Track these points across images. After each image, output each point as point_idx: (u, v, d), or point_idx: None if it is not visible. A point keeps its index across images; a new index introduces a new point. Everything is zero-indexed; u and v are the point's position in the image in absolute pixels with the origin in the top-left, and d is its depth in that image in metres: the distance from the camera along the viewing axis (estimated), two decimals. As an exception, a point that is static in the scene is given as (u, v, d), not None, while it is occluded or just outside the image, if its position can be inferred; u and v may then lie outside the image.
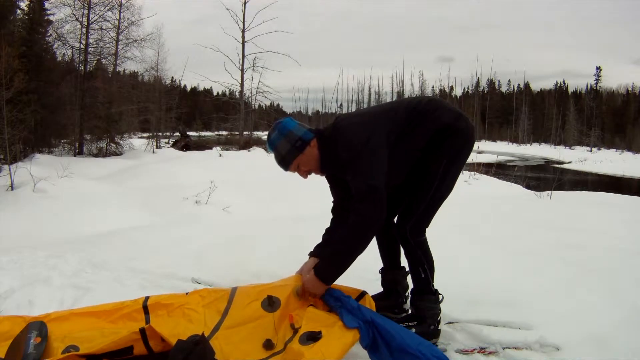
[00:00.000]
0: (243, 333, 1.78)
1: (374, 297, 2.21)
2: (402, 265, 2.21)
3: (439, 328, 1.97)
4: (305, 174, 1.89)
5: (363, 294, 1.92)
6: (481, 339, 1.97)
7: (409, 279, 2.20)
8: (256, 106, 24.47)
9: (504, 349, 1.89)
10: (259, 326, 1.79)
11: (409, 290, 2.09)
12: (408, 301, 2.19)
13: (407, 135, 1.86)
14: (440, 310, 1.98)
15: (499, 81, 57.96)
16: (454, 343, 1.97)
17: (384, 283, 2.23)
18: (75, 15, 16.93)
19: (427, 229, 1.99)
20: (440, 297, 1.99)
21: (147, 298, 1.96)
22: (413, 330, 1.93)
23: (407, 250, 1.97)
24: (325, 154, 1.85)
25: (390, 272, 2.21)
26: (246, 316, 1.84)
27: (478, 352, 1.89)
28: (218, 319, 1.86)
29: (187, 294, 2.04)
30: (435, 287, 1.99)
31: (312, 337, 1.63)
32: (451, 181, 1.93)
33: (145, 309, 1.91)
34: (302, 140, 1.81)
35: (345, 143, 1.78)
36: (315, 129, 1.90)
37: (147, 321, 1.85)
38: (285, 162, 1.84)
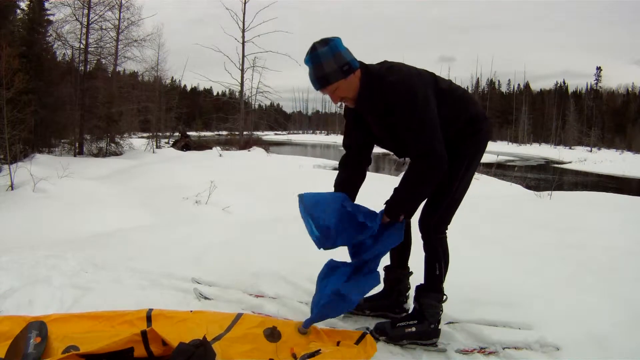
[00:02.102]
0: (245, 348, 1.79)
1: (375, 296, 2.22)
2: (408, 266, 2.22)
3: (439, 328, 1.97)
4: (338, 99, 1.84)
5: (364, 335, 1.90)
6: (481, 339, 1.97)
7: (411, 279, 2.21)
8: (256, 106, 24.54)
9: (504, 349, 1.89)
10: (260, 349, 1.80)
11: (415, 286, 2.08)
12: (409, 301, 2.20)
13: (441, 109, 1.83)
14: (442, 310, 1.99)
15: (499, 81, 57.95)
16: (454, 343, 1.98)
17: (386, 281, 2.23)
18: (75, 15, 16.98)
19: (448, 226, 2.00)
20: (445, 297, 2.00)
21: (150, 310, 1.97)
22: (413, 329, 1.94)
23: (428, 245, 1.97)
24: (367, 87, 1.80)
25: (395, 271, 2.21)
26: (249, 337, 1.85)
27: (478, 352, 1.89)
28: (220, 332, 1.87)
29: (191, 311, 2.04)
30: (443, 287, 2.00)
31: (311, 355, 1.65)
32: (470, 178, 1.97)
33: (149, 319, 1.92)
34: (349, 65, 1.75)
35: (400, 83, 1.75)
36: (361, 62, 1.84)
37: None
38: (324, 80, 1.75)
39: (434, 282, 1.97)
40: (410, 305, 2.14)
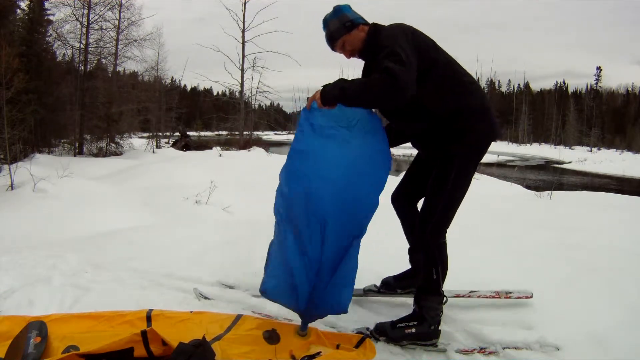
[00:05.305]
0: (245, 349, 1.79)
1: (404, 274, 2.25)
2: None
3: (439, 329, 1.97)
4: (348, 53, 2.00)
5: (363, 339, 1.91)
6: (481, 339, 1.97)
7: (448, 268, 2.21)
8: (256, 106, 24.48)
9: (504, 349, 1.90)
10: (259, 350, 1.80)
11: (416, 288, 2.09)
12: None
13: (427, 82, 1.81)
14: (442, 311, 1.99)
15: (499, 81, 57.98)
16: (454, 343, 1.98)
17: (412, 262, 2.26)
18: (75, 15, 16.91)
19: (447, 230, 1.98)
20: (445, 299, 1.99)
21: (150, 310, 1.97)
22: (413, 330, 1.94)
23: (425, 250, 1.96)
24: (371, 39, 1.93)
25: (417, 253, 2.19)
26: (248, 339, 1.85)
27: (478, 352, 1.89)
28: (220, 333, 1.87)
29: (191, 312, 2.04)
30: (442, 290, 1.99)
31: (311, 357, 1.65)
32: (467, 181, 1.93)
33: (149, 319, 1.92)
34: (351, 22, 1.95)
35: (389, 29, 1.88)
36: (373, 22, 2.00)
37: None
38: (332, 38, 1.98)
39: (433, 285, 1.96)
40: None
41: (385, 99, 1.69)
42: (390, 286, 2.25)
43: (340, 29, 1.95)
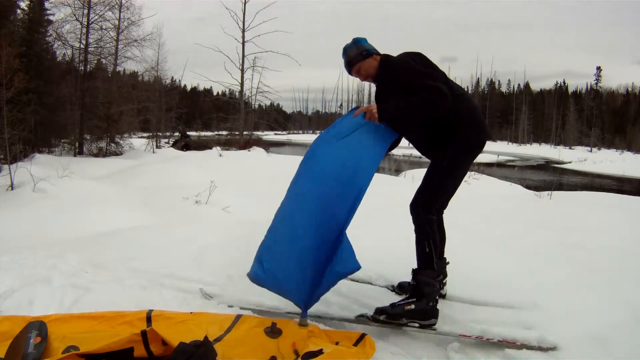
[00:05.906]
0: (246, 347, 1.79)
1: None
2: (444, 257, 2.36)
3: (437, 308, 2.03)
4: (363, 77, 2.32)
5: (362, 336, 1.92)
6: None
7: (448, 268, 2.35)
8: (256, 106, 24.48)
9: (504, 348, 1.89)
10: (262, 345, 1.80)
11: (411, 269, 2.20)
12: (445, 288, 2.32)
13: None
14: (438, 288, 2.11)
15: (499, 81, 57.86)
16: (453, 342, 1.97)
17: None
18: (75, 15, 16.92)
19: (442, 211, 2.31)
20: (441, 276, 2.17)
21: (150, 310, 1.97)
22: (412, 306, 2.02)
23: (417, 225, 2.17)
24: (383, 67, 2.26)
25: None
26: (249, 336, 1.86)
27: (476, 337, 1.92)
28: (220, 333, 1.87)
29: (191, 313, 2.04)
30: (436, 266, 2.13)
31: (313, 354, 1.65)
32: (456, 171, 2.21)
33: (149, 319, 1.92)
34: (367, 51, 2.28)
35: (402, 59, 2.22)
36: (385, 53, 2.33)
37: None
38: (350, 63, 2.30)
39: (427, 260, 2.13)
40: (447, 291, 2.32)
41: (436, 108, 2.04)
42: (404, 289, 2.44)
43: (357, 56, 2.28)
